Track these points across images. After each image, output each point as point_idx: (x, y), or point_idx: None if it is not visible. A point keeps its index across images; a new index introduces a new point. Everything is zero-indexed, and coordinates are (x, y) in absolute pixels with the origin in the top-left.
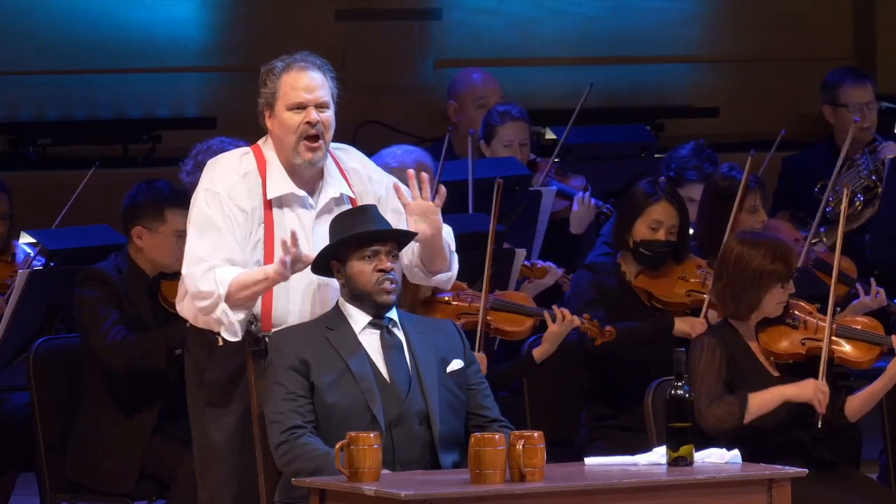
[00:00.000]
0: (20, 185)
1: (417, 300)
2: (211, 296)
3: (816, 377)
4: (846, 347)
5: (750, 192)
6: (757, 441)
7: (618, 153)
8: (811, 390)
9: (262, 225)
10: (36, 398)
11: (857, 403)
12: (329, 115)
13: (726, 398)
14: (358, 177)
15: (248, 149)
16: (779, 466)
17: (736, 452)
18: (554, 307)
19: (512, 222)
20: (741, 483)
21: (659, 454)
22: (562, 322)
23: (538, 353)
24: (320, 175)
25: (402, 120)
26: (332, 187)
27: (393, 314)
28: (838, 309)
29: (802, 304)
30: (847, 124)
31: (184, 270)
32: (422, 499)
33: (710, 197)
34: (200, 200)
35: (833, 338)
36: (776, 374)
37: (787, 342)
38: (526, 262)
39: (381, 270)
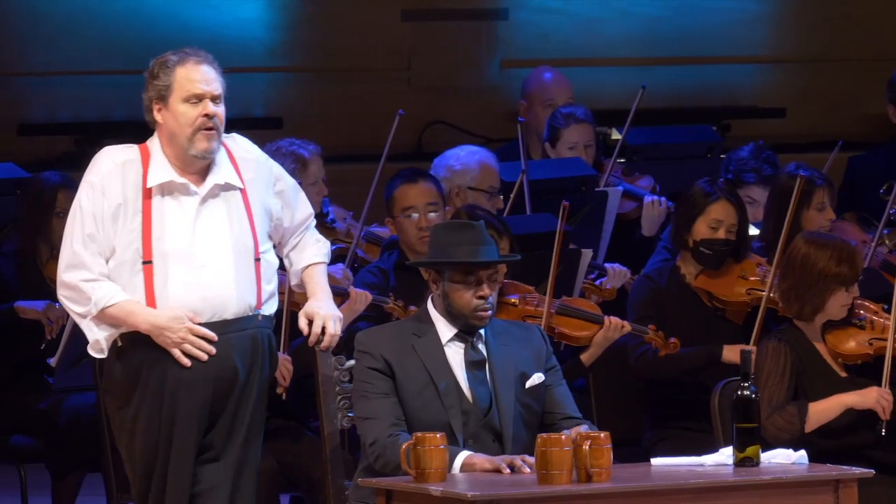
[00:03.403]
0: None
1: None
2: (84, 305)
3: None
4: None
5: (817, 190)
6: (823, 442)
7: (684, 154)
8: (873, 398)
9: (140, 214)
10: (102, 398)
11: None
12: (223, 109)
13: (787, 408)
14: (247, 164)
15: (129, 144)
16: (846, 467)
17: (802, 453)
18: (605, 317)
19: (578, 223)
20: (808, 483)
21: (725, 455)
22: (608, 329)
23: (585, 357)
24: (208, 165)
25: (468, 120)
26: (219, 175)
27: None
28: None
29: (868, 304)
30: None
31: (62, 269)
32: (488, 499)
33: (776, 196)
34: (80, 191)
35: None
36: (843, 374)
37: (854, 343)
38: (591, 278)
39: (481, 297)
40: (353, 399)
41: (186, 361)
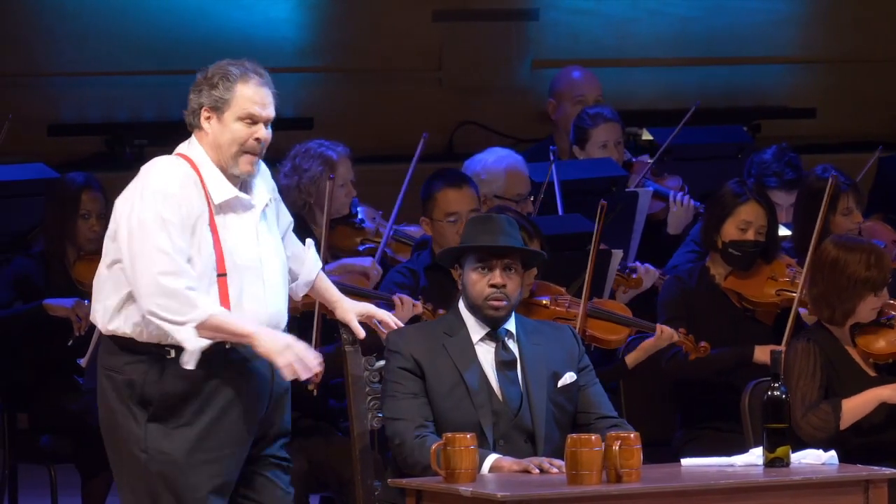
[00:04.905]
0: (116, 185)
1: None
2: (186, 314)
3: None
4: None
5: (843, 194)
6: (854, 442)
7: (714, 154)
8: None
9: (208, 227)
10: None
11: None
12: (270, 133)
13: (821, 406)
14: (265, 176)
15: (177, 157)
16: (876, 467)
17: (832, 453)
18: (658, 325)
19: (609, 223)
20: (838, 484)
21: (755, 455)
22: (660, 337)
23: (630, 359)
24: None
25: (498, 121)
26: (262, 188)
27: (511, 325)
28: None
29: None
30: None
31: (159, 273)
32: (518, 499)
33: (805, 198)
34: (152, 201)
35: None
36: (873, 374)
37: (883, 342)
38: (620, 269)
39: (492, 285)
40: (382, 399)
41: (289, 375)
